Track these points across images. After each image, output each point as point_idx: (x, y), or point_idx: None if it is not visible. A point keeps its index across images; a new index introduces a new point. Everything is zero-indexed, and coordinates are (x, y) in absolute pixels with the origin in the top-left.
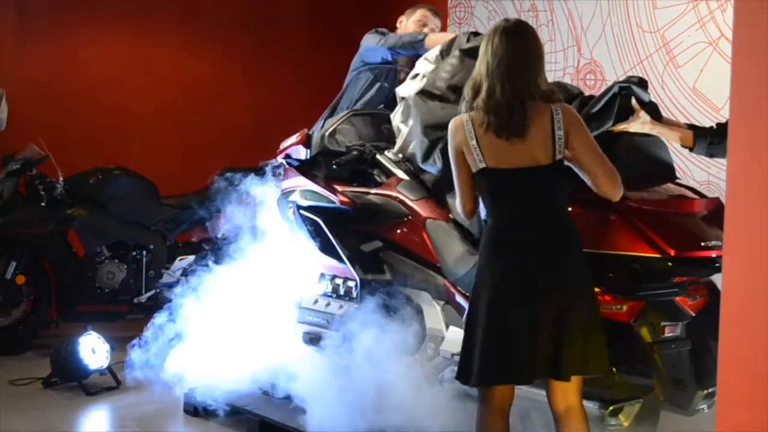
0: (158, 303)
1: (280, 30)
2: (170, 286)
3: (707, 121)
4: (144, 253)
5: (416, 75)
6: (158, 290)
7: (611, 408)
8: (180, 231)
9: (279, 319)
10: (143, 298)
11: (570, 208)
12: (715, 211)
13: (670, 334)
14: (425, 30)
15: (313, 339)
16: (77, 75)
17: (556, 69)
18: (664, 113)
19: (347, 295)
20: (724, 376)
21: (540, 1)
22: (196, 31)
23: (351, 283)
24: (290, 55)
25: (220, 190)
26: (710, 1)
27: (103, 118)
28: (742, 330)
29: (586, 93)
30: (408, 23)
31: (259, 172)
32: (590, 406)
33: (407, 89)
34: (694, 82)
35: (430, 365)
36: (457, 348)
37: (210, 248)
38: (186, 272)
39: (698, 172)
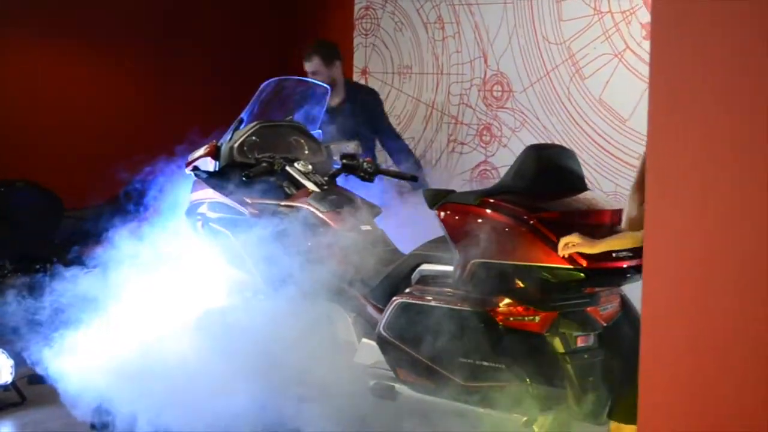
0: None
1: (188, 43)
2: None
3: (614, 133)
4: (47, 266)
5: None
6: None
7: (525, 419)
8: (83, 244)
9: (184, 333)
10: None
11: (479, 219)
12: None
13: (583, 345)
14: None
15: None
16: None
17: (462, 80)
18: (571, 125)
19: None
20: (645, 382)
21: (446, 12)
22: (105, 44)
23: (260, 296)
24: (199, 67)
25: (127, 202)
26: (615, 13)
27: (6, 129)
28: (663, 335)
29: (494, 105)
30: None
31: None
32: (506, 416)
33: None
34: (600, 94)
35: (343, 377)
36: (370, 359)
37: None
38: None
39: (606, 183)
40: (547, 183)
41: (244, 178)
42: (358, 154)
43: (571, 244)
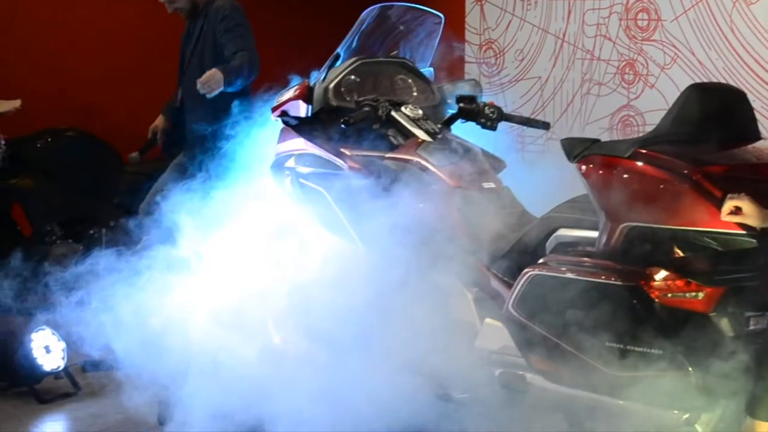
0: None
1: None
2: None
3: None
4: (103, 231)
5: None
6: None
7: (686, 416)
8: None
9: (273, 310)
10: None
11: (631, 174)
12: None
13: (757, 327)
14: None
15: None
16: (20, 21)
17: (600, 7)
18: (734, 61)
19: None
20: None
21: None
22: None
23: (361, 267)
24: None
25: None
26: None
27: (53, 69)
28: None
29: (638, 37)
30: None
31: None
32: (662, 413)
33: None
34: None
35: (463, 365)
36: (496, 344)
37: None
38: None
39: None
40: (713, 130)
41: (342, 126)
42: (477, 96)
43: (736, 208)
